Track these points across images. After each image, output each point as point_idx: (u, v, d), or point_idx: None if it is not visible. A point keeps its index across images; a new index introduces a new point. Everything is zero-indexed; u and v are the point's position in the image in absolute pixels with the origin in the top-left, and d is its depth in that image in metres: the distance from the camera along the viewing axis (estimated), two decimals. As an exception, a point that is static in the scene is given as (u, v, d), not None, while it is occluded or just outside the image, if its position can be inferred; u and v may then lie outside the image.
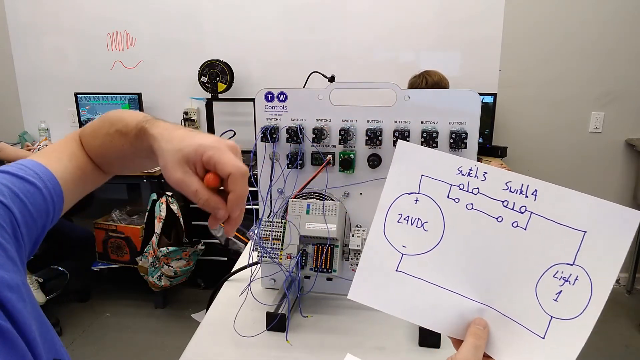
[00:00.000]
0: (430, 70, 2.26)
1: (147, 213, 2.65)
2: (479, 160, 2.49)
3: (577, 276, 0.45)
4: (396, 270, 0.52)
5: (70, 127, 3.19)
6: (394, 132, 0.89)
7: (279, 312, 0.87)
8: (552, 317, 0.45)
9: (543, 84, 2.83)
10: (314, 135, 0.91)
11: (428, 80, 2.19)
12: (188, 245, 2.68)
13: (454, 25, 2.83)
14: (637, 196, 2.87)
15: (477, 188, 0.49)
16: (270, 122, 0.94)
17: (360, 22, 2.89)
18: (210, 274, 2.89)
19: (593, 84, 2.80)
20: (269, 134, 0.93)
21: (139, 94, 2.99)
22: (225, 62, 2.86)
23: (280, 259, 0.89)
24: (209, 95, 2.91)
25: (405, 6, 2.83)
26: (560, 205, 0.46)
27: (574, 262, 0.45)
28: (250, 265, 1.07)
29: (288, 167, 0.94)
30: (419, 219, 0.51)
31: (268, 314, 0.87)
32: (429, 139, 0.87)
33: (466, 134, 0.86)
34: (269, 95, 0.94)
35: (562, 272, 0.45)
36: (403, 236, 0.52)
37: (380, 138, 0.90)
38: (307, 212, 0.89)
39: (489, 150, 2.78)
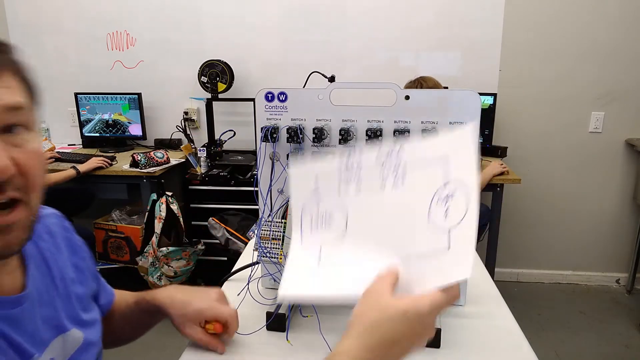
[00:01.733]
0: (425, 76, 2.29)
1: (147, 213, 2.65)
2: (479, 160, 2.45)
3: (454, 189, 0.53)
4: (319, 265, 0.59)
5: (70, 127, 3.19)
6: (394, 132, 0.89)
7: (279, 311, 0.87)
8: (449, 229, 0.53)
9: (543, 84, 2.84)
10: (314, 135, 0.91)
11: (423, 86, 2.22)
12: (188, 245, 2.68)
13: (454, 26, 2.83)
14: (637, 196, 2.87)
15: (358, 166, 0.58)
16: (271, 122, 0.94)
17: (361, 23, 2.89)
18: (210, 274, 2.89)
19: (593, 84, 2.80)
20: (270, 134, 0.93)
21: (139, 94, 2.99)
22: (225, 62, 2.86)
23: (280, 259, 0.89)
24: (209, 95, 2.91)
25: (405, 7, 2.84)
26: (422, 147, 0.55)
27: (447, 182, 0.54)
28: (250, 265, 1.07)
29: (288, 167, 0.94)
30: (324, 214, 0.60)
31: (268, 314, 0.87)
32: (429, 139, 0.87)
33: (466, 134, 0.86)
34: (269, 95, 0.94)
35: (443, 195, 0.54)
36: (317, 235, 0.60)
37: (380, 138, 0.89)
38: None
39: (489, 150, 2.78)
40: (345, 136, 0.91)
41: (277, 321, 0.86)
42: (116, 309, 0.88)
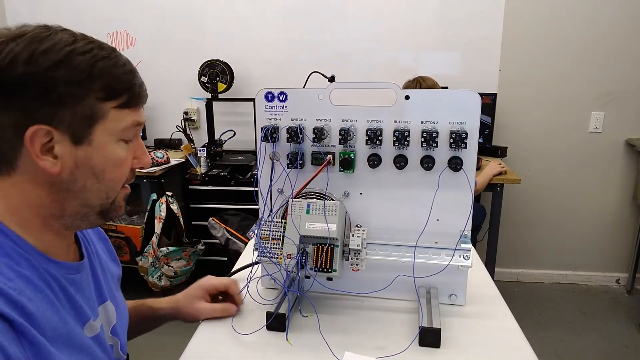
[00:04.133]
0: (424, 76, 2.30)
1: (147, 213, 2.65)
2: (478, 160, 2.50)
3: None
4: None
5: (70, 127, 3.19)
6: (394, 132, 0.89)
7: (279, 311, 0.87)
8: None
9: (543, 84, 2.83)
10: (314, 135, 0.91)
11: (422, 85, 2.24)
12: (188, 245, 2.68)
13: (453, 25, 2.83)
14: (637, 196, 2.87)
15: None
16: (271, 122, 0.94)
17: (360, 22, 2.89)
18: (210, 274, 2.89)
19: (593, 84, 2.80)
20: (270, 134, 0.93)
21: (139, 94, 2.99)
22: (225, 62, 2.86)
23: (280, 258, 0.89)
24: (209, 95, 2.91)
25: (405, 6, 2.84)
26: None
27: None
28: (250, 265, 1.07)
29: (288, 167, 0.94)
30: None
31: (268, 314, 0.87)
32: (429, 139, 0.87)
33: (466, 134, 0.86)
34: (269, 95, 0.94)
35: None
36: None
37: (380, 138, 0.89)
38: (307, 212, 0.89)
39: (489, 150, 2.78)
40: (345, 136, 0.91)
41: (277, 321, 0.86)
42: None
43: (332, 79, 2.09)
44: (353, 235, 0.89)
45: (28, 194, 0.61)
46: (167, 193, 2.64)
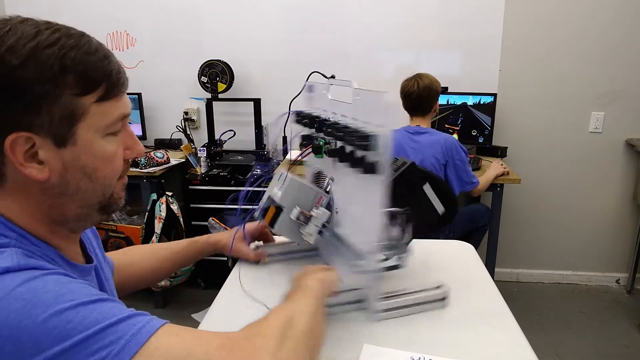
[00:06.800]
0: (422, 74, 2.27)
1: (147, 213, 2.65)
2: (479, 160, 2.48)
3: None
4: None
5: (70, 127, 3.18)
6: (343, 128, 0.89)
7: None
8: None
9: (543, 84, 2.83)
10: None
11: (419, 84, 2.21)
12: (188, 245, 2.67)
13: (453, 25, 2.83)
14: (637, 196, 2.87)
15: None
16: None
17: (360, 22, 2.89)
18: (210, 274, 2.89)
19: (593, 84, 2.80)
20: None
21: (139, 94, 2.99)
22: (225, 62, 2.86)
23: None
24: (209, 95, 2.91)
25: (405, 6, 2.83)
26: None
27: None
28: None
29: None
30: None
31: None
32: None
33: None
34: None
35: None
36: None
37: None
38: (278, 180, 1.00)
39: (489, 150, 2.78)
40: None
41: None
42: (148, 258, 1.06)
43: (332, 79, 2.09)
44: (317, 209, 0.96)
45: (24, 203, 0.59)
46: (167, 193, 2.64)
